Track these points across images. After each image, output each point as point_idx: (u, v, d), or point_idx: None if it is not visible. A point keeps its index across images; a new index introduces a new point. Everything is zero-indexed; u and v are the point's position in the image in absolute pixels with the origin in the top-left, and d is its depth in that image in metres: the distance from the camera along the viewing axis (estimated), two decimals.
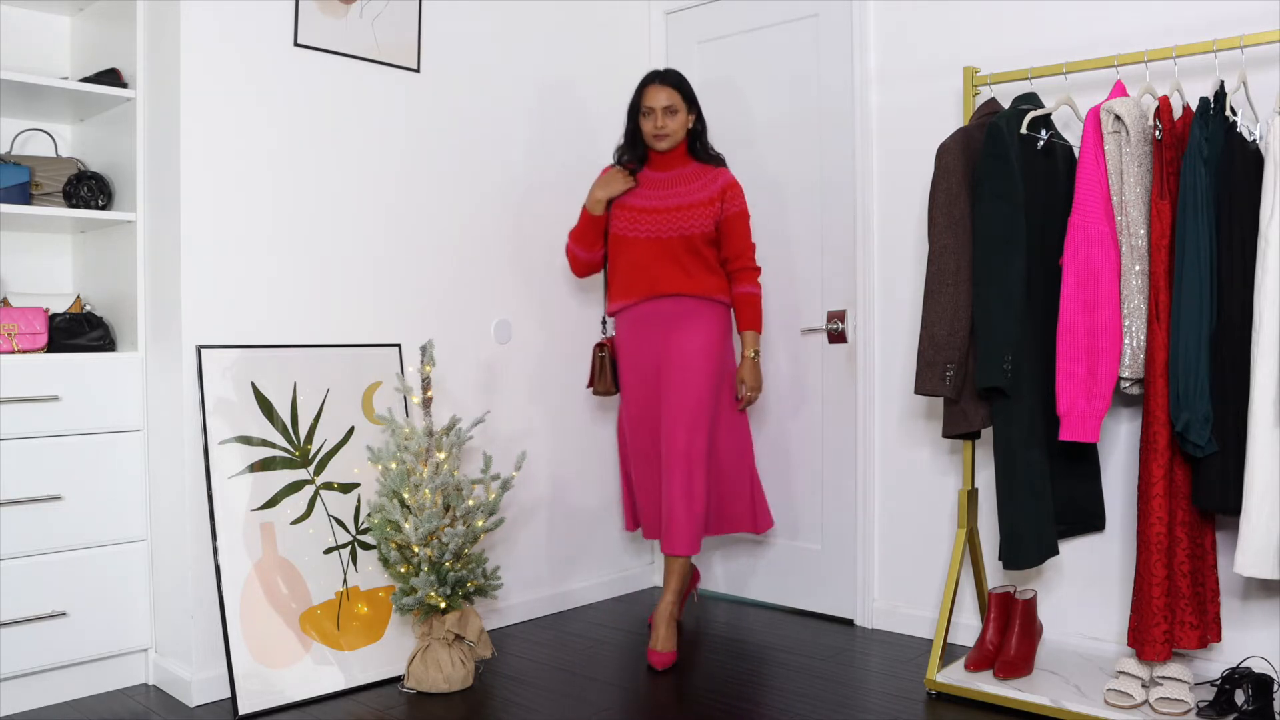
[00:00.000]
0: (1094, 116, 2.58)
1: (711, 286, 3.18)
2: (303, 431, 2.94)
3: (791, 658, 3.16)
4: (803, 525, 3.67)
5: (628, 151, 3.26)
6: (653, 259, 3.16)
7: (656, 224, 3.16)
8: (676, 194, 3.18)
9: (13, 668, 2.69)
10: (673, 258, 3.15)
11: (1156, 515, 2.50)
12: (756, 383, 3.22)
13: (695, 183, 3.19)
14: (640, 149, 3.25)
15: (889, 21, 3.39)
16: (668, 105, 3.14)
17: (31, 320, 2.80)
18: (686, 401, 3.11)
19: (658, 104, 3.14)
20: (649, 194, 3.21)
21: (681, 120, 3.17)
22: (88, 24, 3.14)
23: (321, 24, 3.04)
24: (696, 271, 3.16)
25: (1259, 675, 2.50)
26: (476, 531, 2.91)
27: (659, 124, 3.14)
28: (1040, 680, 2.73)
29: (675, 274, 3.15)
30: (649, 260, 3.16)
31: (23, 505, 2.71)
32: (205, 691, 2.79)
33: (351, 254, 3.14)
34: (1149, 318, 2.51)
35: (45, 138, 3.11)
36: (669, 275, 3.15)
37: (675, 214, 3.15)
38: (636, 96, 3.21)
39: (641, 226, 3.17)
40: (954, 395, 2.72)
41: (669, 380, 3.15)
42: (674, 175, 3.21)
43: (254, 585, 2.77)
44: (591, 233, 3.25)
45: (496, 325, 3.52)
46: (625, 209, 3.21)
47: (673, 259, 3.15)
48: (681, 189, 3.19)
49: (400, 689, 2.89)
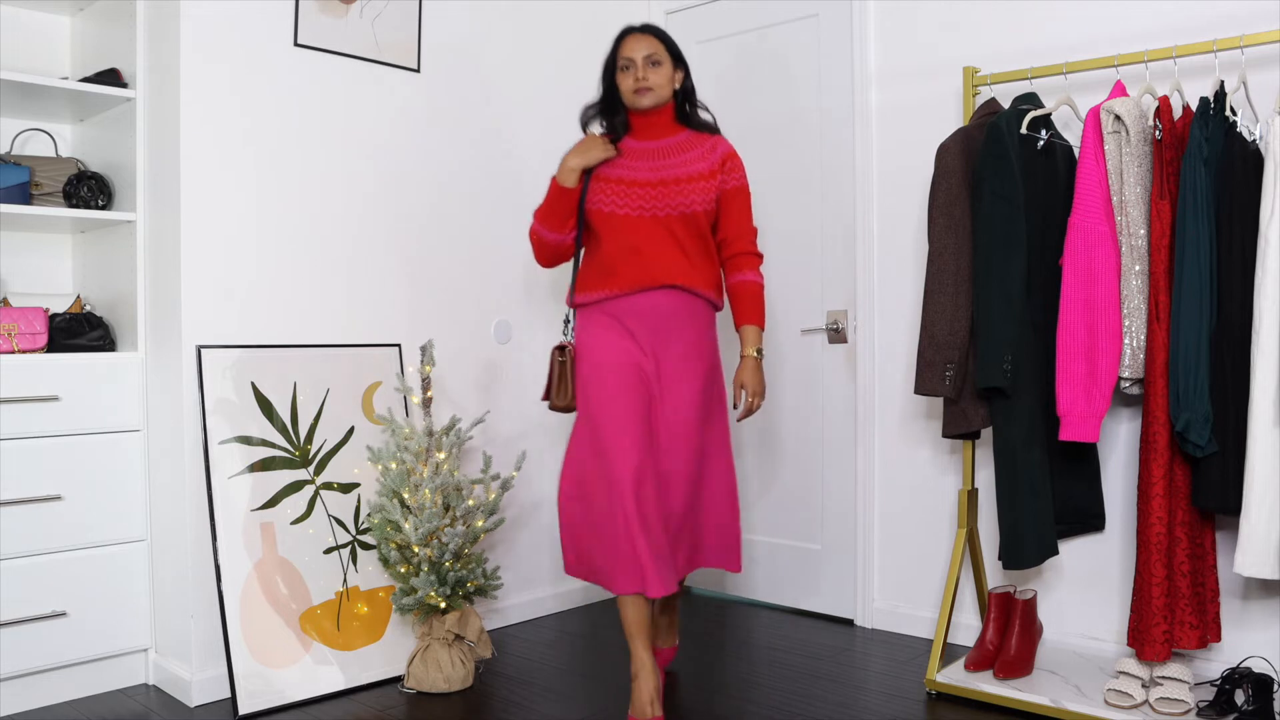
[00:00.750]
0: (1094, 116, 2.58)
1: (711, 282, 2.70)
2: (303, 431, 2.94)
3: (791, 658, 3.16)
4: (803, 525, 3.67)
5: (604, 117, 2.74)
6: (647, 241, 2.61)
7: (650, 199, 2.62)
8: (670, 165, 2.66)
9: (13, 668, 2.69)
10: (673, 240, 2.62)
11: (1156, 515, 2.50)
12: (760, 387, 2.69)
13: (691, 152, 2.68)
14: (620, 114, 2.72)
15: (889, 21, 3.39)
16: (649, 54, 2.63)
17: (31, 320, 2.80)
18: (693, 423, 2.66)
19: (638, 54, 2.63)
20: (636, 165, 2.67)
21: (667, 75, 2.66)
22: (88, 24, 3.14)
23: (321, 24, 3.04)
24: (699, 260, 2.66)
25: (1259, 675, 2.50)
26: (476, 531, 2.91)
27: (640, 75, 2.62)
28: (1040, 680, 2.73)
29: (677, 261, 2.62)
30: (642, 242, 2.61)
31: (23, 505, 2.71)
32: (205, 691, 2.79)
33: (352, 254, 3.14)
34: (1149, 318, 2.52)
35: (45, 138, 3.11)
36: (669, 262, 2.62)
37: (672, 188, 2.63)
38: (612, 50, 2.70)
39: (631, 202, 2.62)
40: (954, 395, 2.72)
41: (668, 396, 2.64)
42: (664, 145, 2.69)
43: (254, 585, 2.77)
44: (562, 209, 2.68)
45: (496, 325, 3.52)
46: (607, 182, 2.65)
47: (673, 242, 2.62)
48: (676, 159, 2.67)
49: (400, 689, 2.89)
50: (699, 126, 2.74)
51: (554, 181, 2.67)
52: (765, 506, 3.77)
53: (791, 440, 3.69)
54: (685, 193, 2.62)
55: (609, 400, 2.59)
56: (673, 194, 2.62)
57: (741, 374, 2.69)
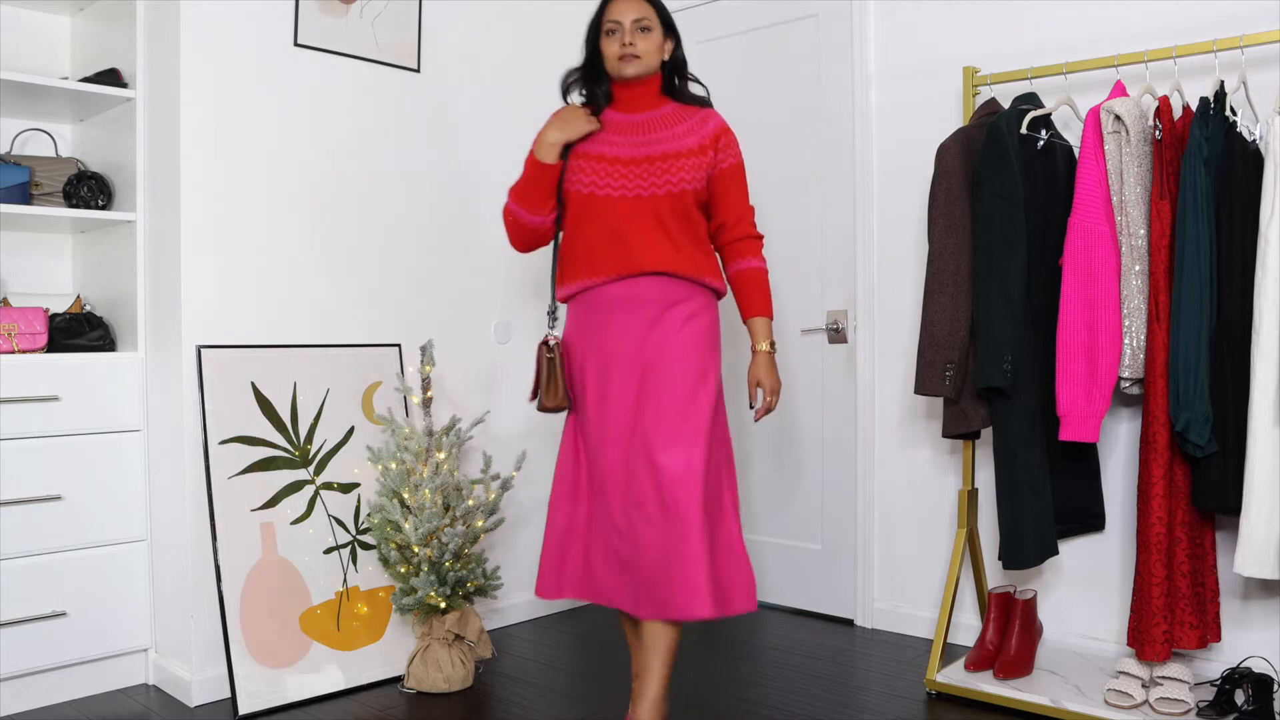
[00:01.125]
0: (1094, 116, 2.58)
1: (704, 267, 2.44)
2: (303, 431, 2.94)
3: (791, 658, 3.16)
4: (803, 525, 3.67)
5: (584, 85, 2.51)
6: (630, 224, 2.37)
7: (632, 178, 2.38)
8: (657, 139, 2.41)
9: (13, 668, 2.69)
10: (657, 223, 2.38)
11: (1156, 515, 2.50)
12: (776, 384, 2.49)
13: (679, 125, 2.43)
14: (603, 83, 2.49)
15: (889, 21, 3.39)
16: (639, 19, 2.40)
17: (31, 320, 2.80)
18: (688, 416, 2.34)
19: (626, 17, 2.39)
20: (618, 139, 2.43)
21: (656, 42, 2.42)
22: (88, 24, 3.14)
23: (321, 24, 3.04)
24: (685, 245, 2.40)
25: (1259, 675, 2.50)
26: (476, 531, 2.91)
27: (627, 40, 2.38)
28: (1040, 680, 2.73)
29: (660, 245, 2.37)
30: (625, 225, 2.37)
31: (23, 505, 2.71)
32: (205, 691, 2.79)
33: (351, 254, 3.14)
34: (1149, 318, 2.52)
35: (45, 138, 3.11)
36: (652, 247, 2.37)
37: (658, 165, 2.38)
38: (597, 14, 2.47)
39: (613, 181, 2.39)
40: (954, 395, 2.72)
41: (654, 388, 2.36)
42: (650, 118, 2.45)
43: (254, 585, 2.77)
44: (542, 188, 2.44)
45: (496, 325, 3.52)
46: (587, 159, 2.42)
47: (657, 225, 2.38)
48: (662, 133, 2.42)
49: (400, 689, 2.89)
50: (688, 100, 2.49)
51: (531, 157, 2.44)
52: (765, 506, 3.77)
53: (791, 440, 3.69)
54: (673, 170, 2.38)
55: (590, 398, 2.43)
56: (659, 171, 2.38)
57: (756, 371, 2.48)
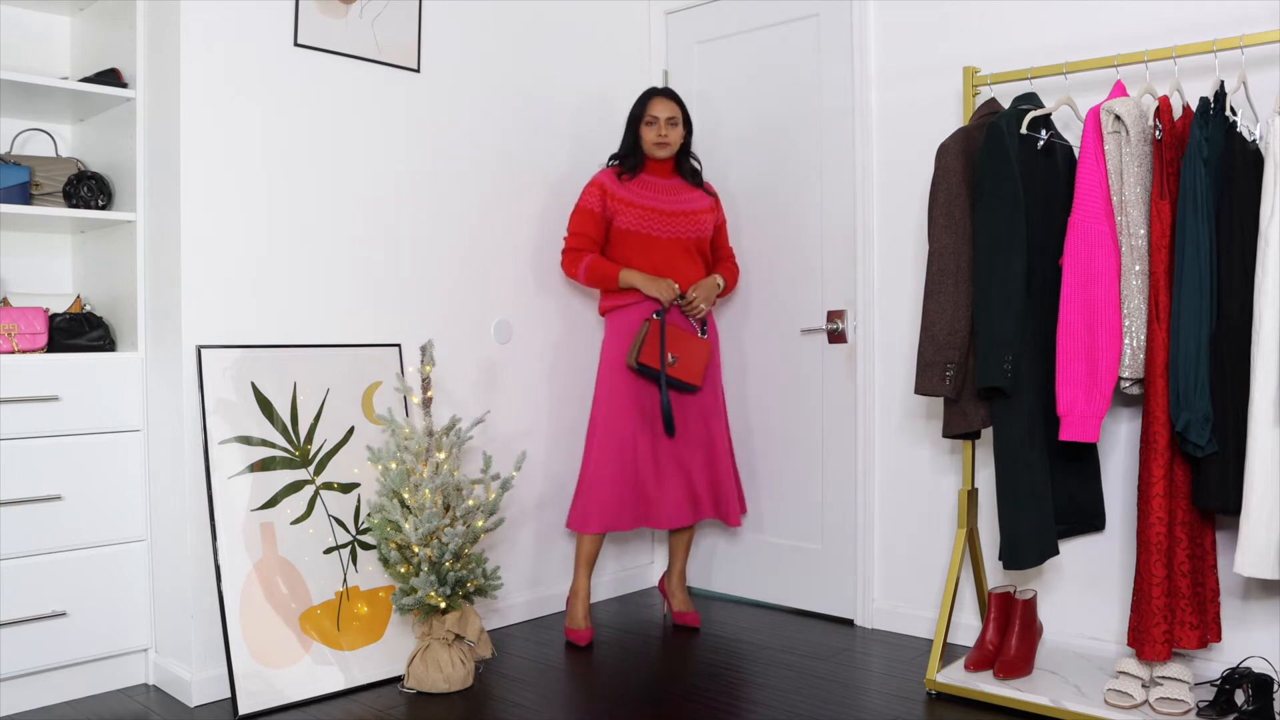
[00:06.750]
0: (1094, 116, 2.58)
1: None
2: (303, 431, 2.94)
3: (791, 658, 3.16)
4: (803, 525, 3.67)
5: (628, 158, 3.43)
6: (678, 259, 3.38)
7: (674, 226, 3.38)
8: (682, 200, 3.43)
9: (13, 668, 2.69)
10: (693, 259, 3.42)
11: (1156, 515, 2.50)
12: (710, 299, 3.39)
13: (693, 192, 3.47)
14: (639, 157, 3.43)
15: (889, 21, 3.39)
16: (671, 117, 3.38)
17: (31, 320, 2.80)
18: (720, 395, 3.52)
19: (663, 114, 3.37)
20: (657, 197, 3.40)
21: (680, 134, 3.41)
22: (88, 24, 3.14)
23: (321, 24, 3.04)
24: (704, 269, 3.48)
25: (1259, 675, 2.50)
26: (476, 531, 2.91)
27: (663, 132, 3.36)
28: (1040, 680, 2.73)
29: (697, 269, 3.43)
30: (675, 259, 3.37)
31: (23, 505, 2.71)
32: (205, 691, 2.79)
33: (351, 254, 3.14)
34: (1149, 318, 2.52)
35: (45, 138, 3.11)
36: (693, 273, 3.41)
37: (688, 218, 3.40)
38: (639, 107, 3.41)
39: (662, 227, 3.37)
40: (954, 395, 2.72)
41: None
42: (673, 184, 3.46)
43: (254, 585, 2.77)
44: (607, 284, 3.38)
45: (496, 325, 3.52)
46: (637, 209, 3.37)
47: (694, 260, 3.42)
48: (685, 196, 3.44)
49: (400, 689, 2.89)
50: (689, 174, 3.49)
51: (615, 275, 3.32)
52: (765, 506, 3.77)
53: (791, 440, 3.69)
54: (698, 222, 3.43)
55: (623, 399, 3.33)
56: (691, 222, 3.41)
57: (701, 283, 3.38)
